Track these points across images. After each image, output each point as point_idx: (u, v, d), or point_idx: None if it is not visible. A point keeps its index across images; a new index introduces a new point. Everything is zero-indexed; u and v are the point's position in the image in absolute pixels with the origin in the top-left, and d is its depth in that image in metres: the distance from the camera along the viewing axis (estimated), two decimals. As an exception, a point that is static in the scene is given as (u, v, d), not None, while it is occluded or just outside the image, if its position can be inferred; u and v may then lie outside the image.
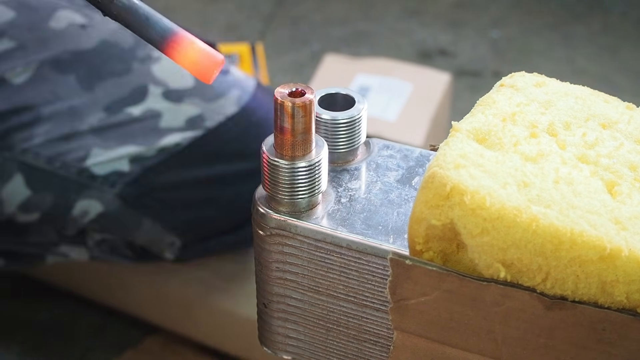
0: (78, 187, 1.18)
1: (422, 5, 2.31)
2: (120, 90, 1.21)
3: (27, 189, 1.18)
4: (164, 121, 1.20)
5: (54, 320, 1.43)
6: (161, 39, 0.61)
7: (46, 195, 1.19)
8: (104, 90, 1.20)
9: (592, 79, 2.07)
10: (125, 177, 1.19)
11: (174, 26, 0.61)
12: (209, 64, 0.61)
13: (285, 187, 0.63)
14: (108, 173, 1.18)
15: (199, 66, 0.61)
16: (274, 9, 2.29)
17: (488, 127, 0.62)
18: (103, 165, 1.18)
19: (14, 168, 1.17)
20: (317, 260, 0.64)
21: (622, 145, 0.63)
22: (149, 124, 1.21)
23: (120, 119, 1.20)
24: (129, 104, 1.21)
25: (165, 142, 1.20)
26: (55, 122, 1.18)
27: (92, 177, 1.18)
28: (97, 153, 1.18)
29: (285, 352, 0.69)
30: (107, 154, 1.18)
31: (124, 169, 1.19)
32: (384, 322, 0.64)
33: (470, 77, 2.07)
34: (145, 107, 1.20)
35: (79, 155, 1.18)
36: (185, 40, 0.61)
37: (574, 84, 0.68)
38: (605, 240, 0.56)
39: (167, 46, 0.61)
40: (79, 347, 1.40)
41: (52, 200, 1.19)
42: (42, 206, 1.19)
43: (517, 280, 0.58)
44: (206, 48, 0.61)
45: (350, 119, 0.67)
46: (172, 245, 1.25)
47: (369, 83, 1.74)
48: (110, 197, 1.19)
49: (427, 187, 0.58)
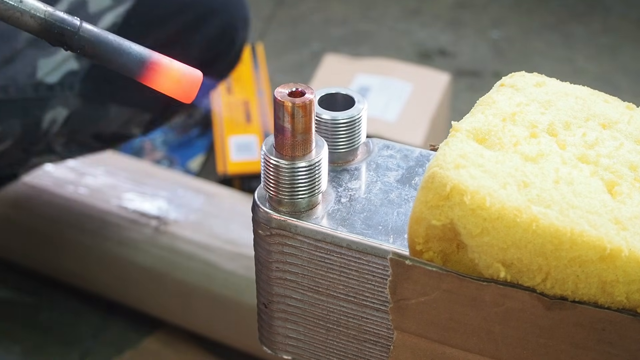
0: (40, 102, 1.16)
1: (422, 5, 2.31)
2: None
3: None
4: (91, 6, 1.16)
5: (54, 320, 1.43)
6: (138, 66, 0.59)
7: (12, 122, 1.16)
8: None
9: (592, 79, 2.07)
10: (79, 75, 1.16)
11: (147, 50, 0.59)
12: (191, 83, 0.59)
13: (285, 187, 0.63)
14: (61, 77, 1.16)
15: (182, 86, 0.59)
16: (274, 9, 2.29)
17: (488, 127, 0.62)
18: (54, 73, 1.16)
19: None
20: (317, 260, 0.64)
21: (622, 145, 0.63)
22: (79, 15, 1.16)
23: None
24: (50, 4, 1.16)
25: (101, 26, 1.14)
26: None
27: (48, 87, 1.16)
28: (43, 63, 1.15)
29: (285, 352, 0.69)
30: (52, 60, 1.16)
31: (74, 68, 1.16)
32: (384, 322, 0.64)
33: (470, 77, 2.07)
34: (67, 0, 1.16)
35: (27, 72, 1.15)
36: (163, 62, 0.59)
37: (574, 84, 0.68)
38: (605, 240, 0.56)
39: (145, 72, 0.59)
40: (79, 347, 1.40)
41: (20, 125, 1.17)
42: (12, 134, 1.17)
43: (517, 280, 0.58)
44: (184, 67, 0.59)
45: (350, 119, 0.67)
46: (141, 122, 1.24)
47: (369, 83, 1.74)
48: (72, 99, 1.17)
49: (427, 187, 0.58)
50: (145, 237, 1.39)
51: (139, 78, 0.58)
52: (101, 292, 1.45)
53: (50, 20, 0.58)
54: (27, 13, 0.57)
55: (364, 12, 2.29)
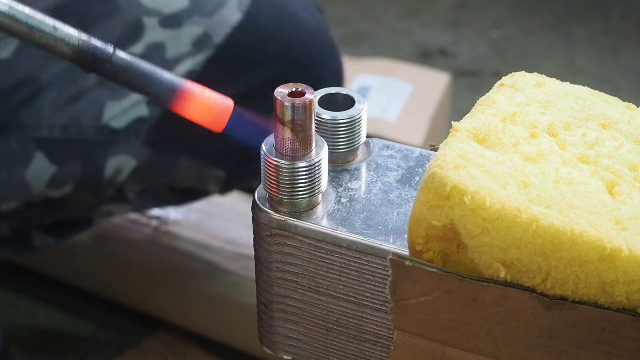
0: (102, 147, 1.10)
1: (422, 5, 2.31)
2: (114, 31, 1.11)
3: (51, 165, 1.10)
4: (169, 51, 1.11)
5: (54, 320, 1.43)
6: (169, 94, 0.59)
7: (72, 165, 1.11)
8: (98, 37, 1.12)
9: (592, 79, 2.07)
10: (148, 122, 1.11)
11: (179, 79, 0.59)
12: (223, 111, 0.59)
13: (285, 187, 0.63)
14: (128, 123, 1.10)
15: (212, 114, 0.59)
16: (274, 9, 2.29)
17: (488, 127, 0.62)
18: (121, 117, 1.10)
19: (31, 147, 1.09)
20: (317, 260, 0.64)
21: (622, 145, 0.63)
22: (155, 59, 1.10)
23: None
24: (127, 44, 1.11)
25: (177, 73, 1.08)
26: (58, 86, 1.10)
27: (113, 132, 1.10)
28: (111, 106, 1.10)
29: (285, 352, 0.69)
30: (121, 104, 1.10)
31: (144, 114, 1.11)
32: (384, 322, 0.64)
33: (470, 77, 2.07)
34: (145, 42, 1.11)
35: (93, 113, 1.10)
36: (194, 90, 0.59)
37: (574, 84, 0.68)
38: (605, 240, 0.56)
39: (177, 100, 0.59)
40: (79, 347, 1.40)
41: (81, 168, 1.11)
42: (72, 177, 1.11)
43: (517, 280, 0.58)
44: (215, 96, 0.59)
45: (350, 119, 0.67)
46: (218, 180, 1.18)
47: (369, 83, 1.74)
48: (138, 147, 1.11)
49: (427, 187, 0.58)
50: (145, 237, 1.39)
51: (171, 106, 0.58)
52: (101, 292, 1.45)
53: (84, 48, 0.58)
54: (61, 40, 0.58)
55: (364, 12, 2.29)
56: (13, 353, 1.37)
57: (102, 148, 1.11)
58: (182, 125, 1.12)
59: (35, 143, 1.09)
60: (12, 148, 1.10)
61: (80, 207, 1.18)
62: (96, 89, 1.10)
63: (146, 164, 1.12)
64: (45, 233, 1.19)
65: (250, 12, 1.13)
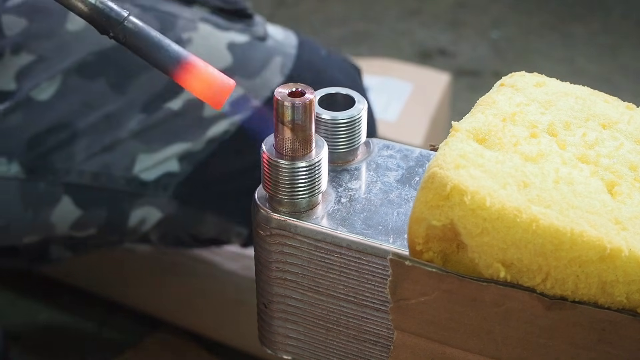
0: (130, 197, 1.11)
1: (422, 5, 2.31)
2: (155, 85, 1.11)
3: (77, 209, 1.11)
4: (207, 110, 1.11)
5: (54, 320, 1.43)
6: (173, 64, 0.60)
7: (98, 211, 1.12)
8: (138, 89, 1.12)
9: (592, 79, 2.07)
10: (177, 177, 1.11)
11: (185, 51, 0.60)
12: (222, 89, 0.60)
13: (285, 187, 0.63)
14: (158, 177, 1.11)
15: (213, 90, 0.60)
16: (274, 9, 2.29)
17: (488, 127, 0.62)
18: (151, 170, 1.11)
19: (59, 191, 1.10)
20: (317, 260, 0.64)
21: (622, 145, 0.63)
22: (192, 116, 1.12)
23: (161, 117, 1.11)
24: (166, 99, 1.12)
25: (212, 132, 1.11)
26: (93, 134, 1.10)
27: (143, 184, 1.11)
28: (143, 158, 1.11)
29: (285, 352, 0.69)
30: (153, 157, 1.11)
31: (174, 169, 1.11)
32: (384, 322, 0.64)
33: (470, 77, 2.07)
34: (185, 98, 1.11)
35: (124, 164, 1.10)
36: (198, 64, 0.60)
37: (574, 84, 0.68)
38: (605, 240, 0.56)
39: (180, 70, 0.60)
40: (79, 347, 1.40)
41: (106, 215, 1.12)
42: (96, 222, 1.12)
43: (517, 280, 0.58)
44: (218, 73, 0.60)
45: (350, 119, 0.67)
46: (240, 235, 1.18)
47: (369, 83, 1.74)
48: (165, 201, 1.12)
49: (427, 187, 0.58)
50: (145, 237, 1.39)
51: (173, 76, 0.59)
52: (101, 292, 1.45)
53: (100, 8, 0.60)
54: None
55: (364, 12, 2.30)
56: (13, 353, 1.37)
57: (130, 198, 1.11)
58: (210, 182, 1.12)
59: (64, 187, 1.10)
60: (40, 190, 1.10)
61: (103, 244, 1.19)
62: (130, 141, 1.10)
63: (172, 217, 1.13)
64: (63, 246, 1.19)
65: (292, 75, 1.15)
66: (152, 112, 1.11)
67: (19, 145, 1.09)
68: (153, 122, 1.11)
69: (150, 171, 1.11)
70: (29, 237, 1.14)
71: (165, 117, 1.11)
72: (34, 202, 1.10)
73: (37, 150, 1.09)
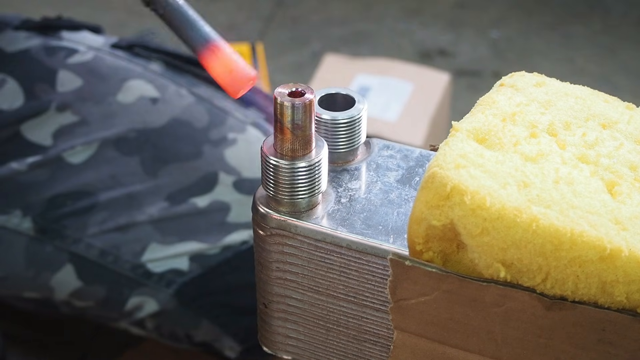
0: (131, 283, 1.09)
1: (422, 5, 2.32)
2: (187, 177, 1.10)
3: (78, 280, 1.10)
4: (232, 215, 1.09)
5: (54, 320, 1.43)
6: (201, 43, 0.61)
7: (98, 287, 1.10)
8: (168, 176, 1.10)
9: (592, 79, 2.07)
10: (184, 277, 1.09)
11: (216, 35, 0.61)
12: (243, 77, 0.60)
13: (285, 187, 0.63)
14: (165, 271, 1.09)
15: (233, 76, 0.60)
16: (274, 9, 2.29)
17: (488, 127, 0.62)
18: (160, 262, 1.09)
19: (64, 258, 1.09)
20: (317, 260, 0.64)
21: (622, 145, 0.63)
22: (215, 218, 1.10)
23: (184, 210, 1.09)
24: (194, 194, 1.09)
25: (231, 239, 1.09)
26: (112, 210, 1.08)
27: (148, 274, 1.09)
28: (154, 248, 1.08)
29: (285, 352, 0.69)
30: (165, 250, 1.08)
31: (183, 268, 1.09)
32: (384, 322, 0.64)
33: (470, 77, 2.07)
34: (213, 197, 1.09)
35: (134, 249, 1.08)
36: (226, 48, 0.60)
37: (574, 84, 0.68)
38: (605, 240, 0.56)
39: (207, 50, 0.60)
40: (79, 347, 1.40)
41: (105, 293, 1.10)
42: (95, 296, 1.11)
43: (517, 280, 0.58)
44: (242, 62, 0.60)
45: (350, 119, 0.67)
46: (232, 349, 1.16)
47: (369, 83, 1.74)
48: (165, 297, 1.10)
49: (427, 187, 0.58)
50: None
51: (199, 55, 0.61)
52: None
53: None
54: None
55: (364, 12, 2.30)
56: (12, 353, 1.37)
57: (131, 284, 1.10)
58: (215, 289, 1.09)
59: (69, 256, 1.09)
60: (46, 252, 1.09)
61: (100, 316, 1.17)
62: (145, 226, 1.08)
63: (168, 312, 1.11)
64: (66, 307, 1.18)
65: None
66: (177, 203, 1.09)
67: (37, 202, 1.08)
68: (174, 214, 1.09)
69: (158, 263, 1.09)
70: (29, 293, 1.13)
71: (188, 212, 1.09)
72: (36, 262, 1.10)
73: (53, 211, 1.08)
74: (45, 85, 1.11)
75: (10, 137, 1.10)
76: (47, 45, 1.15)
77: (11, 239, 1.09)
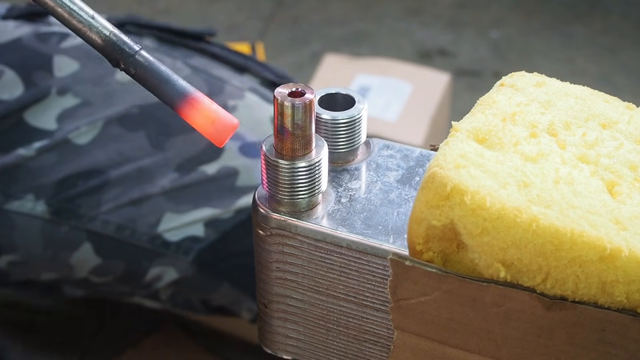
0: (150, 255, 1.11)
1: (422, 5, 2.32)
2: (194, 146, 1.12)
3: (97, 257, 1.11)
4: (241, 179, 1.11)
5: (54, 320, 1.43)
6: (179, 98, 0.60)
7: (117, 262, 1.12)
8: (175, 148, 1.12)
9: (592, 79, 2.07)
10: (201, 243, 1.11)
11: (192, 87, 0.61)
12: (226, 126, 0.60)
13: (285, 187, 0.63)
14: (182, 239, 1.11)
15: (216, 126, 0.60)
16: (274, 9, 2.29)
17: (488, 127, 0.62)
18: (176, 231, 1.11)
19: (82, 237, 1.10)
20: (317, 260, 0.64)
21: (622, 145, 0.63)
22: (225, 184, 1.12)
23: (194, 179, 1.11)
24: (203, 162, 1.12)
25: (243, 202, 1.11)
26: (124, 185, 1.10)
27: (165, 244, 1.11)
28: (169, 218, 1.10)
29: (285, 352, 0.69)
30: (180, 219, 1.10)
31: (199, 234, 1.11)
32: (384, 322, 0.64)
33: (470, 77, 2.07)
34: (221, 164, 1.12)
35: (150, 221, 1.10)
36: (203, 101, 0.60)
37: (574, 84, 0.68)
38: (605, 240, 0.56)
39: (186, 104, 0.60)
40: (79, 347, 1.40)
41: (124, 267, 1.12)
42: (114, 272, 1.13)
43: (517, 280, 0.58)
44: (222, 111, 0.60)
45: (350, 119, 0.67)
46: (250, 311, 1.18)
47: (369, 83, 1.74)
48: (184, 265, 1.12)
49: (427, 187, 0.58)
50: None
51: (178, 110, 0.60)
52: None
53: (113, 40, 0.61)
54: (95, 29, 0.61)
55: (364, 12, 2.30)
56: (12, 353, 1.37)
57: (150, 256, 1.11)
58: (232, 252, 1.11)
59: (86, 234, 1.10)
60: (62, 233, 1.11)
61: (114, 292, 1.19)
62: (159, 198, 1.10)
63: (187, 280, 1.13)
64: (76, 286, 1.19)
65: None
66: (186, 173, 1.11)
67: (48, 185, 1.10)
68: (185, 183, 1.11)
69: (174, 232, 1.11)
70: (48, 275, 1.14)
71: (199, 180, 1.11)
72: (54, 243, 1.11)
73: (65, 193, 1.09)
74: (43, 72, 1.13)
75: (14, 125, 1.11)
76: (38, 32, 1.16)
77: (26, 223, 1.10)
